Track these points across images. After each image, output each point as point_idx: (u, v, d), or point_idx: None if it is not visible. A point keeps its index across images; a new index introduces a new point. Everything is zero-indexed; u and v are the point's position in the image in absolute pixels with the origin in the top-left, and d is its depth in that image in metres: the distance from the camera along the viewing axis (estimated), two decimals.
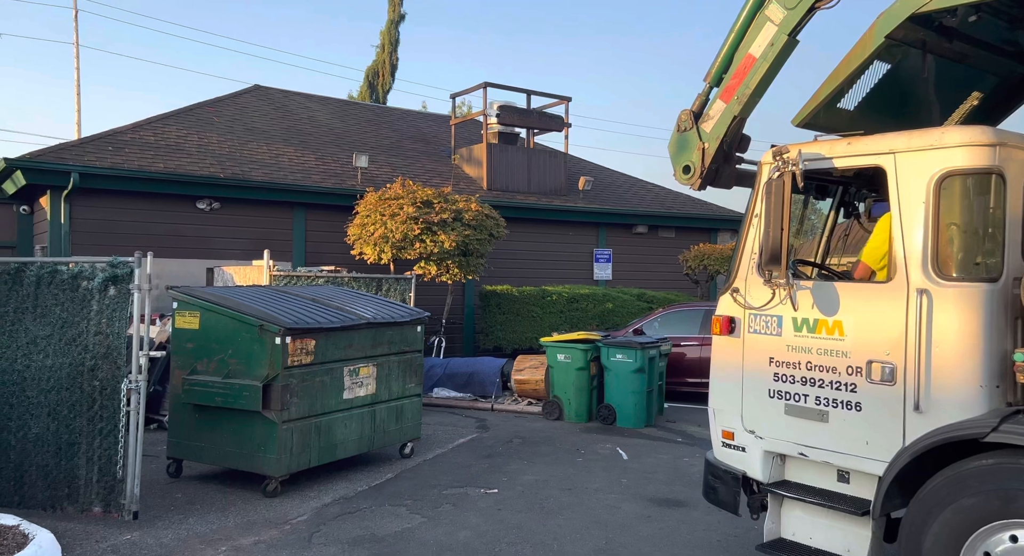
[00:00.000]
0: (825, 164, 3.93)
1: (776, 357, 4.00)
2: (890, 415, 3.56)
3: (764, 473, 4.07)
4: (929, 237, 3.49)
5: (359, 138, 15.96)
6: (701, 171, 4.40)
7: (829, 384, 3.78)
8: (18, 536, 4.66)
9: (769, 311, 3.99)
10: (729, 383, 4.24)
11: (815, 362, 3.83)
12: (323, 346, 6.33)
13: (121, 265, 5.42)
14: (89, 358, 5.43)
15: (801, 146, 3.94)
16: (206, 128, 13.66)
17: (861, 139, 3.87)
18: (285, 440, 6.01)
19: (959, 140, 3.47)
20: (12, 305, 5.64)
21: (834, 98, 4.22)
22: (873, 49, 3.98)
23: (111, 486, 5.38)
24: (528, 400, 10.33)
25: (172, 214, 11.65)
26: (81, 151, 11.35)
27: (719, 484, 4.32)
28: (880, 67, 4.33)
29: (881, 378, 3.58)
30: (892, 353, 3.55)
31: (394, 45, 29.58)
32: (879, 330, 3.61)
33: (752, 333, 4.11)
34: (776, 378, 4.00)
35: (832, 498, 3.80)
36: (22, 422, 5.54)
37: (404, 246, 10.99)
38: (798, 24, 4.09)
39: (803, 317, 3.88)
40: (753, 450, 4.11)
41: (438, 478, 6.71)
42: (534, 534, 5.28)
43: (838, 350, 3.75)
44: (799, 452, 3.92)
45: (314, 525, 5.43)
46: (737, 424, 4.19)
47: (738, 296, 4.15)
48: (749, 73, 4.21)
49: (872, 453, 3.61)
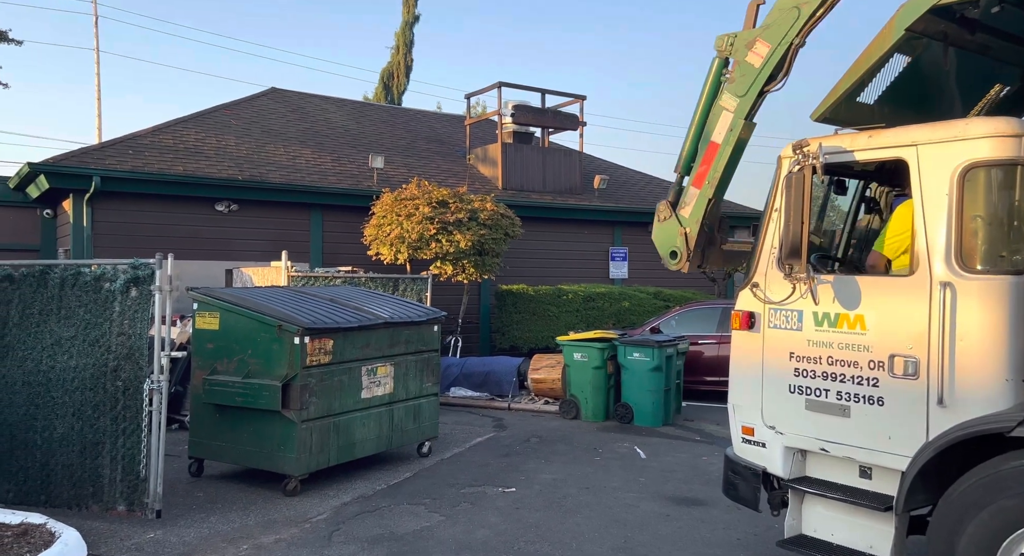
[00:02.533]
0: (846, 157, 3.89)
1: (797, 352, 3.96)
2: (913, 410, 3.52)
3: (785, 469, 4.03)
4: (953, 230, 3.44)
5: (375, 139, 16.04)
6: (688, 254, 4.52)
7: (851, 379, 3.74)
8: (45, 534, 4.74)
9: (789, 306, 3.96)
10: (749, 378, 4.21)
11: (836, 356, 3.80)
12: (341, 346, 6.37)
13: (142, 267, 5.49)
14: (112, 359, 5.51)
15: (821, 139, 3.91)
16: (224, 131, 13.79)
17: (883, 132, 3.84)
18: (304, 439, 6.06)
19: (984, 131, 3.43)
20: (37, 307, 5.74)
21: (854, 92, 4.19)
22: (893, 42, 3.95)
23: (134, 485, 5.45)
24: (545, 399, 10.32)
25: (191, 216, 11.78)
26: (102, 155, 11.51)
27: (739, 480, 4.28)
28: (900, 60, 4.29)
29: (904, 372, 3.54)
30: (915, 347, 3.51)
31: (408, 46, 29.68)
32: (902, 324, 3.57)
33: (772, 328, 4.08)
34: (797, 373, 3.96)
35: (854, 494, 3.76)
36: (48, 422, 5.63)
37: (420, 246, 11.03)
38: (751, 108, 4.25)
39: (824, 311, 3.84)
40: (773, 446, 4.07)
41: (456, 477, 6.73)
42: (552, 533, 5.28)
43: (860, 344, 3.71)
44: (820, 447, 3.88)
45: (334, 524, 5.47)
46: (757, 420, 4.15)
47: (758, 291, 4.12)
48: (715, 159, 4.35)
49: (895, 448, 3.56)
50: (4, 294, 5.82)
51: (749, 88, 4.21)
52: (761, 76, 4.18)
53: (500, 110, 15.68)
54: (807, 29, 4.13)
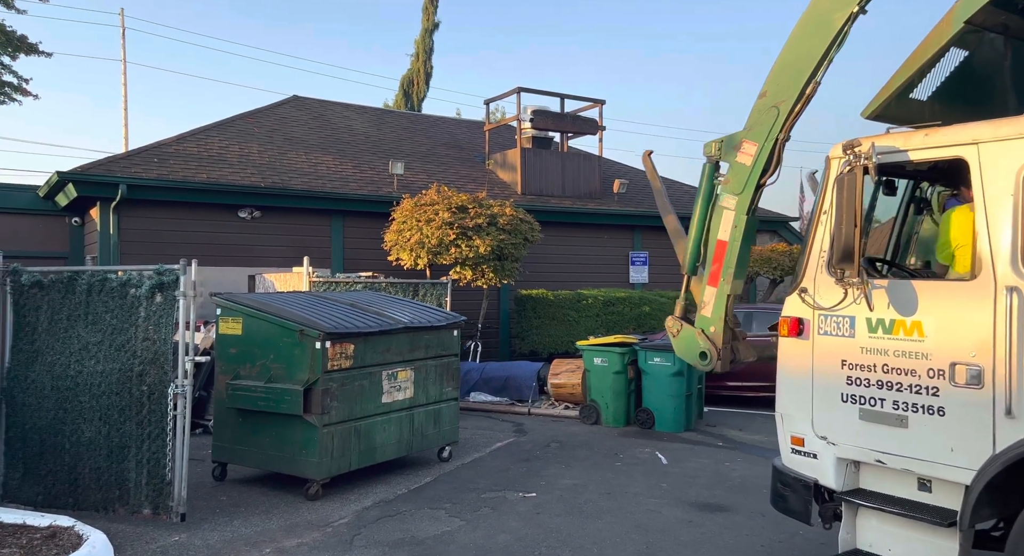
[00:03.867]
0: (900, 157, 3.74)
1: (849, 359, 3.83)
2: (977, 420, 3.34)
3: (838, 481, 3.89)
4: (1019, 231, 3.29)
5: (395, 145, 16.14)
6: (717, 353, 4.51)
7: (908, 388, 3.59)
8: (73, 537, 4.82)
9: (840, 312, 3.82)
10: (798, 387, 4.06)
11: (892, 364, 3.65)
12: (362, 350, 6.41)
13: (167, 273, 5.57)
14: (138, 363, 5.59)
15: (874, 139, 3.78)
16: (247, 139, 13.97)
17: (940, 130, 3.68)
18: (326, 443, 6.10)
19: None
20: (65, 313, 5.84)
21: (907, 88, 4.06)
22: (951, 35, 3.80)
23: (159, 489, 5.52)
24: (565, 404, 10.29)
25: (215, 223, 11.93)
26: (128, 163, 11.71)
27: (789, 492, 4.12)
28: (956, 55, 4.13)
29: (967, 381, 3.38)
30: (978, 354, 3.34)
31: (428, 53, 29.86)
32: (963, 330, 3.41)
33: (822, 335, 3.94)
34: (849, 381, 3.82)
35: (913, 508, 3.60)
36: (75, 426, 5.72)
37: (440, 251, 11.07)
38: (751, 203, 4.33)
39: (878, 317, 3.71)
40: (825, 457, 3.93)
41: (476, 482, 6.73)
42: (573, 538, 5.26)
43: (918, 352, 3.55)
44: (876, 459, 3.73)
45: (355, 528, 5.49)
46: (807, 430, 4.02)
47: (807, 297, 3.99)
48: (726, 255, 4.44)
49: (958, 461, 3.40)
50: (33, 300, 5.94)
51: (745, 185, 4.29)
52: (755, 173, 4.26)
53: (519, 115, 15.71)
54: (789, 124, 4.20)
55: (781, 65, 4.21)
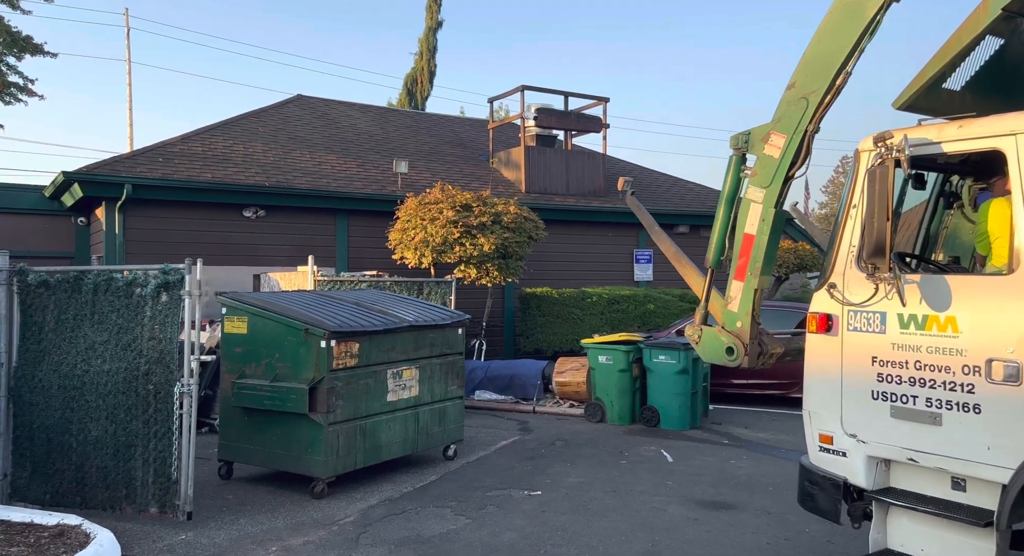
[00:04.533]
0: (933, 149, 3.66)
1: (880, 356, 3.75)
2: (1016, 418, 3.27)
3: (868, 480, 3.82)
4: None
5: (399, 144, 16.15)
6: (744, 347, 4.43)
7: (942, 384, 3.52)
8: (80, 535, 4.84)
9: (871, 307, 3.75)
10: (826, 384, 4.00)
11: (925, 361, 3.58)
12: (367, 349, 6.41)
13: (172, 272, 5.58)
14: (144, 363, 5.61)
15: (906, 131, 3.70)
16: (251, 138, 13.99)
17: (975, 121, 3.60)
18: (331, 442, 6.11)
19: None
20: (72, 312, 5.86)
21: (939, 78, 3.97)
22: (988, 22, 3.71)
23: (166, 487, 5.54)
24: (570, 402, 10.29)
25: (220, 222, 11.96)
26: (133, 163, 11.75)
27: (817, 491, 4.04)
28: (991, 44, 4.03)
29: (1004, 378, 3.30)
30: (1016, 350, 3.27)
31: (432, 52, 29.85)
32: (1000, 326, 3.33)
33: (852, 331, 3.86)
34: (880, 378, 3.75)
35: (948, 507, 3.54)
36: (82, 425, 5.75)
37: (444, 250, 11.07)
38: (779, 196, 4.26)
39: (910, 313, 3.63)
40: (855, 455, 3.87)
41: (482, 480, 6.74)
42: (579, 536, 5.26)
43: (952, 348, 3.48)
44: (908, 458, 3.67)
45: (361, 526, 5.50)
46: (836, 427, 3.95)
47: (835, 292, 3.91)
48: (753, 249, 4.37)
49: (995, 459, 3.33)
50: (40, 300, 5.96)
51: (773, 178, 4.22)
52: (783, 165, 4.20)
53: (523, 113, 15.70)
54: (818, 116, 4.12)
55: (811, 55, 4.12)
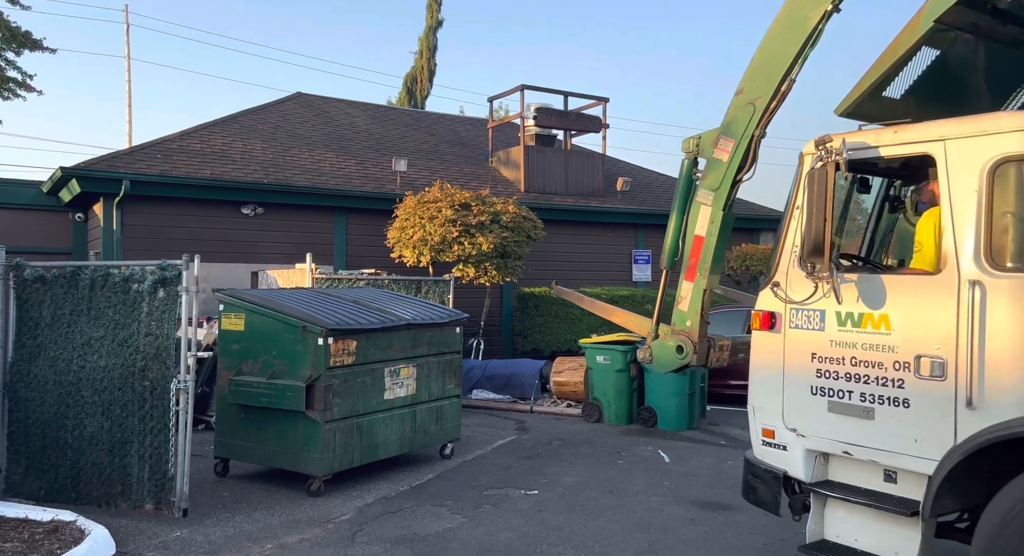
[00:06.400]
0: (871, 153, 3.82)
1: (819, 352, 3.89)
2: (940, 412, 3.43)
3: (806, 472, 3.95)
4: (982, 226, 3.37)
5: (398, 143, 16.13)
6: (694, 345, 4.59)
7: (875, 380, 3.66)
8: (75, 531, 4.83)
9: (811, 305, 3.89)
10: (769, 380, 4.14)
11: (860, 357, 3.72)
12: (364, 347, 6.40)
13: (169, 268, 5.57)
14: (140, 359, 5.59)
15: (845, 135, 3.85)
16: (250, 135, 13.97)
17: (909, 127, 3.75)
18: (328, 440, 6.09)
19: (1015, 125, 3.35)
20: (68, 308, 5.85)
21: (879, 86, 4.13)
22: (921, 34, 3.87)
23: (162, 484, 5.53)
24: (567, 402, 10.28)
25: (218, 219, 11.94)
26: (132, 159, 11.72)
27: (759, 484, 4.21)
28: (929, 54, 4.19)
29: (931, 373, 3.46)
30: (942, 347, 3.43)
31: (432, 51, 29.83)
32: (928, 324, 3.49)
33: (793, 328, 4.01)
34: (819, 374, 3.89)
35: (879, 498, 3.67)
36: (78, 421, 5.73)
37: (442, 249, 11.06)
38: (727, 199, 4.38)
39: (847, 311, 3.77)
40: (795, 449, 4.00)
41: (478, 479, 6.73)
42: (575, 536, 5.25)
43: (884, 345, 3.63)
44: (843, 451, 3.81)
45: (357, 524, 5.49)
46: (778, 422, 4.09)
47: (779, 290, 4.06)
48: (703, 250, 4.51)
49: (921, 451, 3.48)
50: (36, 295, 5.94)
51: (722, 181, 4.38)
52: (731, 168, 4.36)
53: (523, 113, 15.68)
54: (764, 121, 4.27)
55: (757, 63, 4.28)
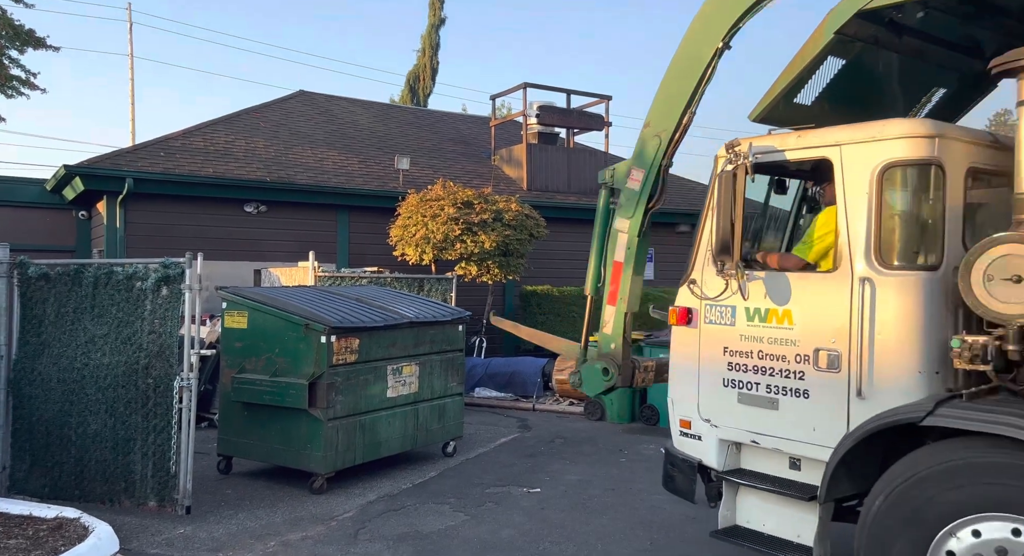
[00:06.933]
0: (777, 157, 4.02)
1: (730, 347, 4.08)
2: (835, 401, 3.64)
3: (719, 461, 4.14)
4: (872, 227, 3.59)
5: (401, 141, 16.13)
6: (618, 368, 4.72)
7: (779, 372, 3.87)
8: (79, 528, 4.85)
9: (724, 302, 4.08)
10: (686, 373, 4.34)
11: (766, 351, 3.92)
12: (367, 345, 6.41)
13: (173, 266, 5.58)
14: (143, 356, 5.60)
15: (752, 139, 4.06)
16: (253, 133, 13.97)
17: (810, 132, 3.99)
18: (331, 437, 6.10)
19: (899, 132, 3.57)
20: (72, 305, 5.86)
21: (790, 93, 4.36)
22: (823, 46, 4.12)
23: (165, 481, 5.54)
24: (570, 400, 10.28)
25: (221, 217, 11.95)
26: (135, 157, 11.73)
27: (677, 473, 4.39)
28: (838, 62, 4.38)
29: (827, 365, 3.67)
30: (837, 341, 3.64)
31: (435, 49, 29.80)
32: (825, 319, 3.70)
33: (708, 324, 4.21)
34: (730, 367, 4.08)
35: (782, 484, 3.87)
36: (81, 418, 5.75)
37: (445, 247, 11.06)
38: (641, 226, 4.58)
39: (755, 307, 3.98)
40: (709, 438, 4.19)
41: (481, 477, 6.73)
42: (577, 534, 5.25)
43: (787, 339, 3.84)
44: (751, 440, 4.01)
45: (359, 522, 5.50)
46: (694, 413, 4.28)
47: (695, 287, 4.25)
48: (622, 276, 4.71)
49: (819, 439, 3.69)
50: (40, 293, 5.96)
51: (635, 209, 4.58)
52: (643, 197, 4.52)
53: (525, 111, 15.65)
54: (670, 151, 4.48)
55: (660, 98, 4.51)
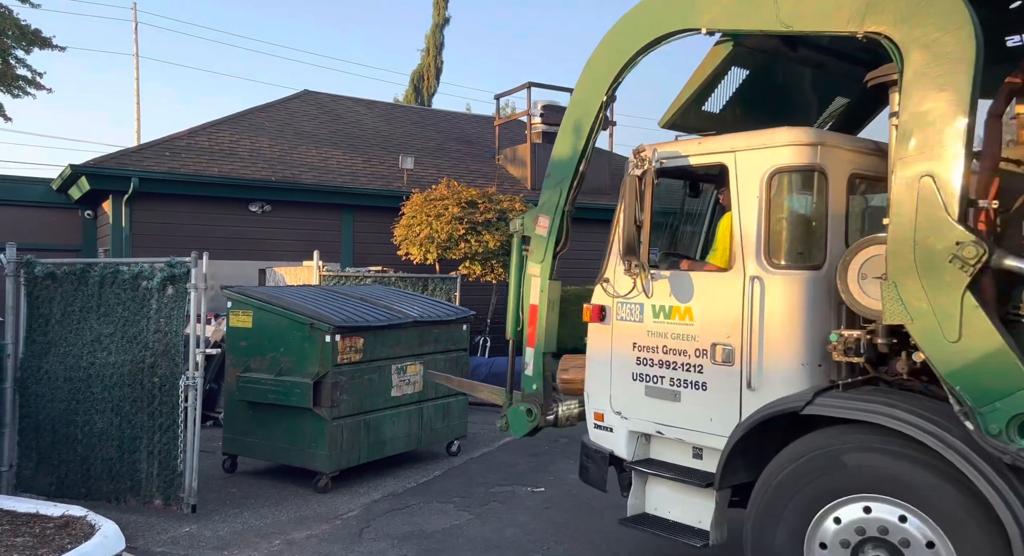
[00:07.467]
0: (681, 162, 4.22)
1: (639, 342, 4.29)
2: (729, 393, 3.87)
3: (629, 452, 4.34)
4: (761, 229, 3.82)
5: (405, 140, 16.15)
6: (541, 409, 4.83)
7: (681, 366, 4.09)
8: (85, 526, 4.87)
9: (633, 300, 4.28)
10: (600, 368, 4.51)
11: (670, 346, 4.14)
12: (371, 344, 6.42)
13: (178, 265, 5.60)
14: (149, 355, 5.62)
15: (657, 145, 4.26)
16: (258, 133, 14.00)
17: (710, 139, 4.21)
18: (335, 437, 6.12)
19: (785, 140, 3.79)
20: (78, 304, 5.89)
21: (696, 101, 4.55)
22: (724, 56, 4.35)
23: (170, 480, 5.56)
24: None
25: (226, 216, 11.98)
26: (140, 157, 11.77)
27: (591, 464, 4.55)
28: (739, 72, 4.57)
29: (723, 359, 3.90)
30: (731, 336, 3.87)
31: (439, 49, 29.80)
32: (721, 315, 3.93)
33: (619, 320, 4.41)
34: (638, 362, 4.29)
35: (685, 473, 4.07)
36: (87, 417, 5.77)
37: (449, 246, 11.07)
38: (552, 270, 4.75)
39: (660, 304, 4.20)
40: (619, 430, 4.39)
41: (485, 476, 6.74)
42: (582, 533, 5.25)
43: (688, 334, 4.06)
44: (656, 431, 4.22)
45: (364, 521, 5.51)
46: (606, 406, 4.46)
47: (608, 286, 4.42)
48: (538, 318, 4.84)
49: (716, 429, 3.90)
50: (47, 292, 5.98)
51: (545, 255, 4.74)
52: (550, 243, 4.69)
53: (529, 110, 15.66)
54: (571, 198, 4.64)
55: (557, 151, 4.72)
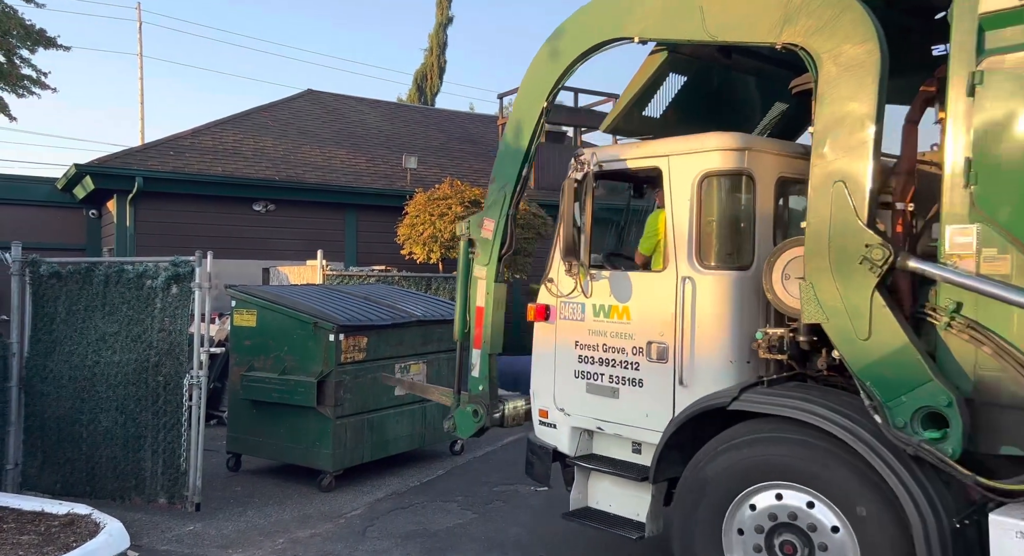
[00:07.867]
0: (619, 165, 4.32)
1: (580, 340, 4.39)
2: (664, 390, 4.00)
3: (571, 447, 4.43)
4: (693, 231, 3.94)
5: (408, 140, 16.16)
6: (486, 409, 4.85)
7: (619, 363, 4.19)
8: (90, 525, 4.89)
9: (575, 299, 4.40)
10: (544, 366, 4.61)
11: (609, 344, 4.25)
12: (375, 343, 6.43)
13: (183, 264, 5.61)
14: (153, 354, 5.64)
15: (597, 149, 4.38)
16: (261, 132, 14.02)
17: (647, 143, 4.36)
18: (339, 435, 6.13)
19: (714, 144, 3.91)
20: (83, 303, 5.90)
21: (635, 106, 4.64)
22: (660, 63, 4.44)
23: (175, 478, 5.58)
24: None
25: (230, 216, 12.00)
26: (144, 157, 11.80)
27: (535, 460, 4.64)
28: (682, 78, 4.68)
29: (657, 357, 4.03)
30: (665, 334, 4.00)
31: (442, 48, 29.80)
32: (656, 314, 4.05)
33: (563, 319, 4.51)
34: (580, 360, 4.39)
35: (624, 467, 4.19)
36: (92, 416, 5.79)
37: (453, 245, 11.07)
38: (497, 272, 4.82)
39: (600, 304, 4.30)
40: (562, 426, 4.48)
41: (488, 475, 6.74)
42: (585, 532, 5.24)
43: (626, 332, 4.17)
44: (597, 426, 4.33)
45: (368, 519, 5.52)
46: (550, 403, 4.55)
47: (552, 286, 4.53)
48: (484, 320, 4.88)
49: (651, 424, 4.01)
50: (52, 291, 6.00)
51: (490, 257, 4.80)
52: (495, 245, 4.73)
53: None
54: (515, 201, 4.69)
55: (500, 157, 4.79)
